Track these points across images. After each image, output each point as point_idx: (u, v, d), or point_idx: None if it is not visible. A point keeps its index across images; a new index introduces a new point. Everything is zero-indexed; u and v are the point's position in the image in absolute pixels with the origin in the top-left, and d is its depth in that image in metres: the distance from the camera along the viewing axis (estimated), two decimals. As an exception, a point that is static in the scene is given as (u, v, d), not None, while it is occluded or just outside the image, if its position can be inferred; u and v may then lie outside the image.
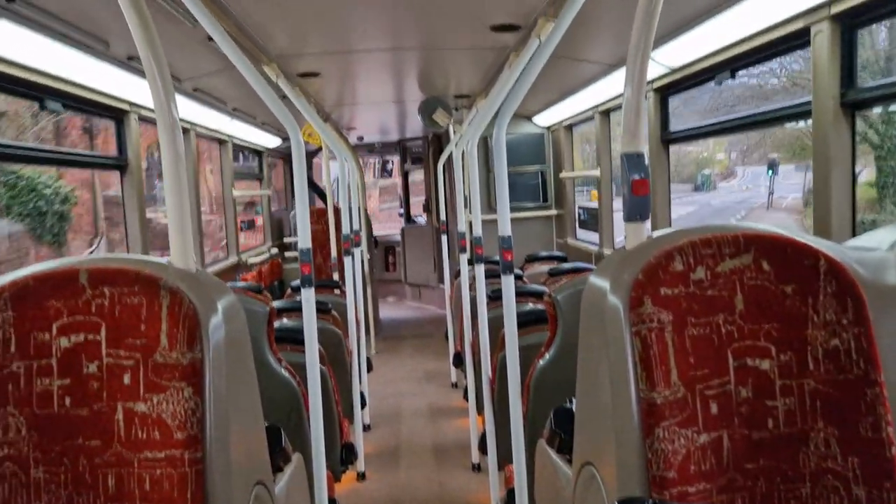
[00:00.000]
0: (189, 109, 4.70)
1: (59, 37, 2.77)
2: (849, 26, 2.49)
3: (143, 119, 4.01)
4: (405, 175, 11.24)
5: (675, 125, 4.21)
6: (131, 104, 3.87)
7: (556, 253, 6.26)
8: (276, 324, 3.42)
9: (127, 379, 1.39)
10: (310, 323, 2.54)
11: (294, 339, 3.19)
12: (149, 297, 1.41)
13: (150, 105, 1.63)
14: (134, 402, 1.38)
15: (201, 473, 1.35)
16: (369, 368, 5.50)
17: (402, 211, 11.60)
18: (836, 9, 2.44)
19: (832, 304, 1.37)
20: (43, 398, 1.38)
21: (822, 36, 2.52)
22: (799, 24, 2.64)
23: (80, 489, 1.36)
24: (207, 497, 1.36)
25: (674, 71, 3.81)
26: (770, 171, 20.01)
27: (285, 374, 2.89)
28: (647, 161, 1.58)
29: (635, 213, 1.57)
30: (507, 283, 2.68)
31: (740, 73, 3.39)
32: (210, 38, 2.28)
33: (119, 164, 3.95)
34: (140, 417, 1.37)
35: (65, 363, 1.39)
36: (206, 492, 1.36)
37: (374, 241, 9.46)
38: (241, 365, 1.62)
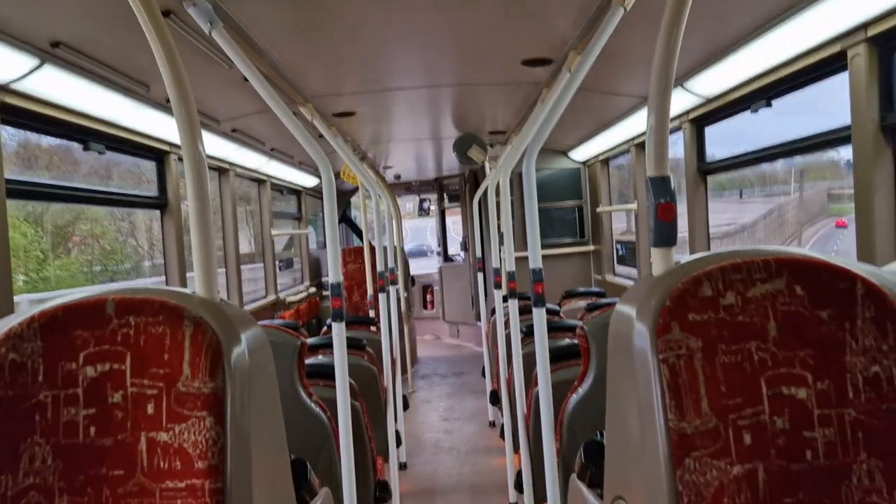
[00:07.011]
0: (228, 150, 4.80)
1: (101, 81, 2.87)
2: (886, 49, 2.43)
3: (182, 160, 4.11)
4: (442, 213, 11.28)
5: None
6: (171, 145, 3.97)
7: (594, 289, 6.16)
8: (311, 360, 3.40)
9: (150, 408, 1.39)
10: (340, 356, 2.53)
11: (327, 374, 3.17)
12: (172, 327, 1.41)
13: None
14: (157, 432, 1.38)
15: None
16: (405, 407, 5.44)
17: (439, 249, 11.62)
18: (873, 31, 2.39)
19: (871, 329, 1.30)
20: (69, 427, 1.39)
21: (859, 59, 2.47)
22: (835, 48, 2.59)
23: None
24: None
25: (709, 101, 3.77)
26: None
27: (316, 408, 2.87)
28: (673, 185, 1.55)
29: (662, 238, 1.53)
30: (539, 316, 2.64)
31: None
32: (246, 80, 2.33)
33: (160, 202, 4.05)
34: (162, 447, 1.37)
35: (91, 392, 1.40)
36: None
37: (410, 280, 9.45)
38: (265, 396, 1.61)
